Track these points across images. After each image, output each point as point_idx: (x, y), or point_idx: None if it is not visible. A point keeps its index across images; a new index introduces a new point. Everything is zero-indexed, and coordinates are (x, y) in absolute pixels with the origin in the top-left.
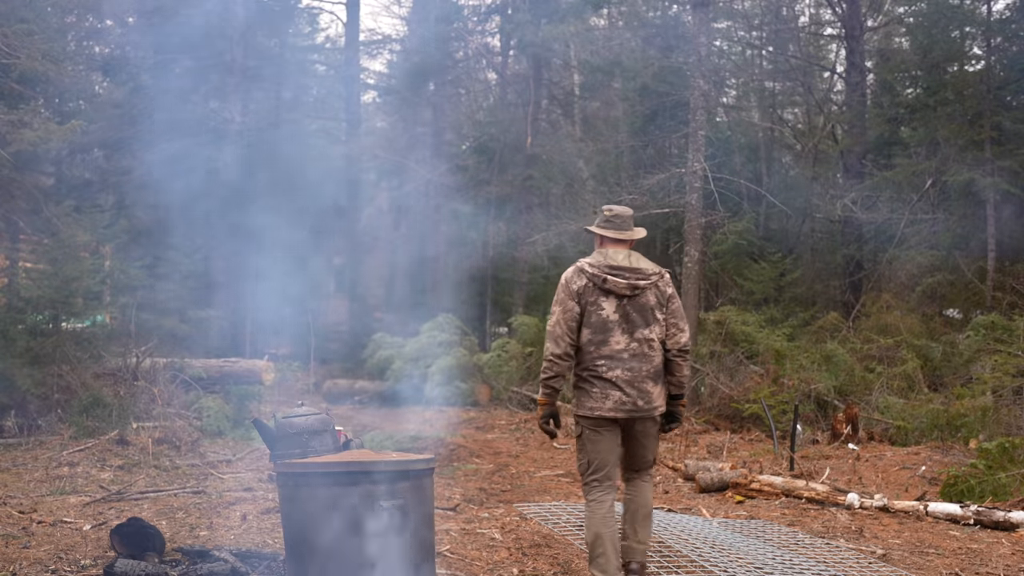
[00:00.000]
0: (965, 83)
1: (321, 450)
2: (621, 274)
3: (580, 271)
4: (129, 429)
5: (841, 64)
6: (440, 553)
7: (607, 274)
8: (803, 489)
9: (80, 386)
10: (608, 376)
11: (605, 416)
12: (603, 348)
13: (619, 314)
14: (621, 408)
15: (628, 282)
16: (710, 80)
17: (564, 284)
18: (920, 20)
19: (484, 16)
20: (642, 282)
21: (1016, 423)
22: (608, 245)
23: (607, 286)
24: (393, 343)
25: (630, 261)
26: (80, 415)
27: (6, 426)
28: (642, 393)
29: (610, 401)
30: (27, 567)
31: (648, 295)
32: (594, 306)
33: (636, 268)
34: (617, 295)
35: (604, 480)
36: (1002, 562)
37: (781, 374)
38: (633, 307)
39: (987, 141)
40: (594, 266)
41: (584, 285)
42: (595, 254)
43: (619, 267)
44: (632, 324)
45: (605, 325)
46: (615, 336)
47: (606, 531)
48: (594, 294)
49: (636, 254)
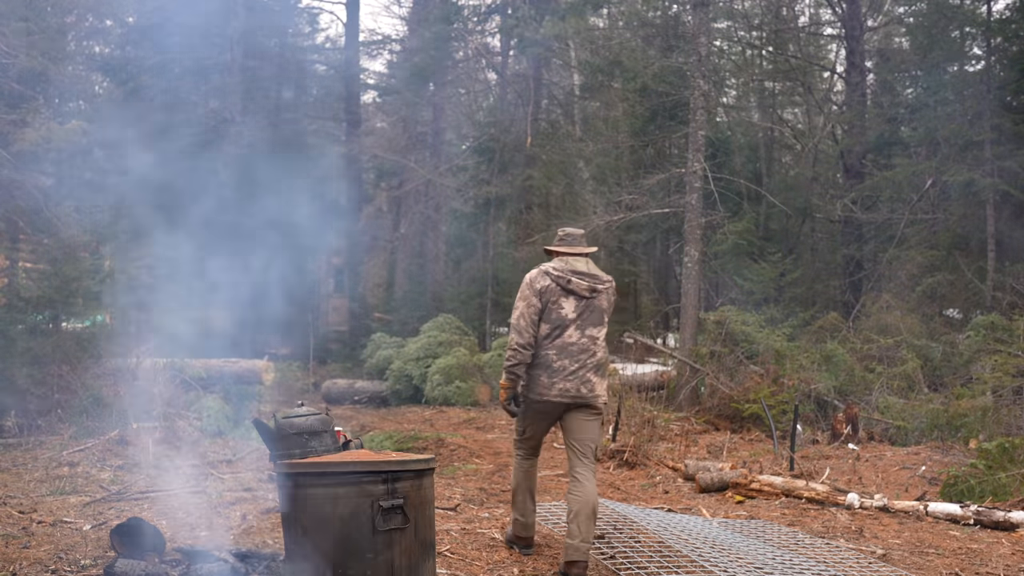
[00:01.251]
0: (965, 83)
1: (321, 450)
2: (583, 277)
3: (544, 273)
4: (129, 429)
5: (841, 64)
6: (440, 553)
7: (572, 276)
8: (803, 489)
9: (80, 386)
10: (556, 365)
11: (551, 400)
12: (556, 341)
13: (576, 313)
14: (566, 395)
15: (589, 285)
16: (710, 80)
17: (528, 283)
18: (920, 20)
19: (484, 16)
20: (599, 286)
21: (1016, 423)
22: (568, 256)
23: (570, 287)
24: (393, 343)
25: (588, 268)
26: (80, 415)
27: (6, 426)
28: (584, 382)
29: (555, 389)
30: (27, 567)
31: (602, 299)
32: (555, 304)
33: (594, 275)
34: (577, 295)
35: (533, 447)
36: (1002, 562)
37: (781, 374)
38: (589, 308)
39: (987, 141)
40: (558, 270)
41: (547, 286)
42: (557, 260)
43: (580, 272)
44: (584, 322)
45: (563, 321)
46: (569, 331)
47: (525, 483)
48: (556, 294)
49: (592, 263)
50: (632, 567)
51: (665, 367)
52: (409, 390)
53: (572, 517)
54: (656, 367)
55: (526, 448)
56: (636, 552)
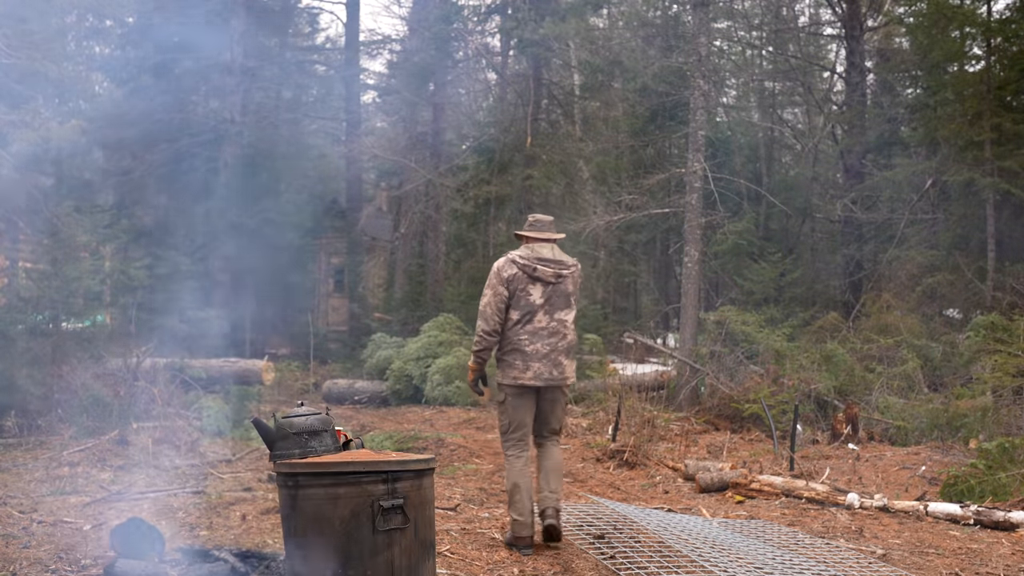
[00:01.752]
0: (965, 83)
1: (321, 450)
2: (548, 264)
3: (511, 262)
4: (129, 429)
5: (841, 64)
6: (440, 553)
7: (537, 264)
8: (803, 489)
9: (80, 386)
10: (528, 350)
11: (526, 384)
12: (527, 326)
13: (544, 298)
14: (539, 377)
15: (554, 271)
16: (710, 80)
17: (496, 272)
18: (920, 20)
19: (484, 16)
20: (564, 271)
21: (1016, 423)
22: (534, 243)
23: (536, 274)
24: (393, 343)
25: (554, 254)
26: (80, 415)
27: (6, 426)
28: (556, 365)
29: (530, 372)
30: (27, 567)
31: (567, 283)
32: (523, 291)
33: (559, 260)
34: (544, 282)
35: (521, 439)
36: (1002, 562)
37: (781, 374)
38: (555, 292)
39: (987, 141)
40: (524, 258)
41: (514, 274)
42: (523, 248)
43: (546, 259)
44: (553, 307)
45: (531, 307)
46: (538, 316)
47: (522, 481)
48: (523, 282)
49: (558, 249)
50: (632, 567)
51: (665, 367)
52: (409, 390)
53: (543, 475)
54: (656, 367)
55: (515, 443)
56: (636, 552)
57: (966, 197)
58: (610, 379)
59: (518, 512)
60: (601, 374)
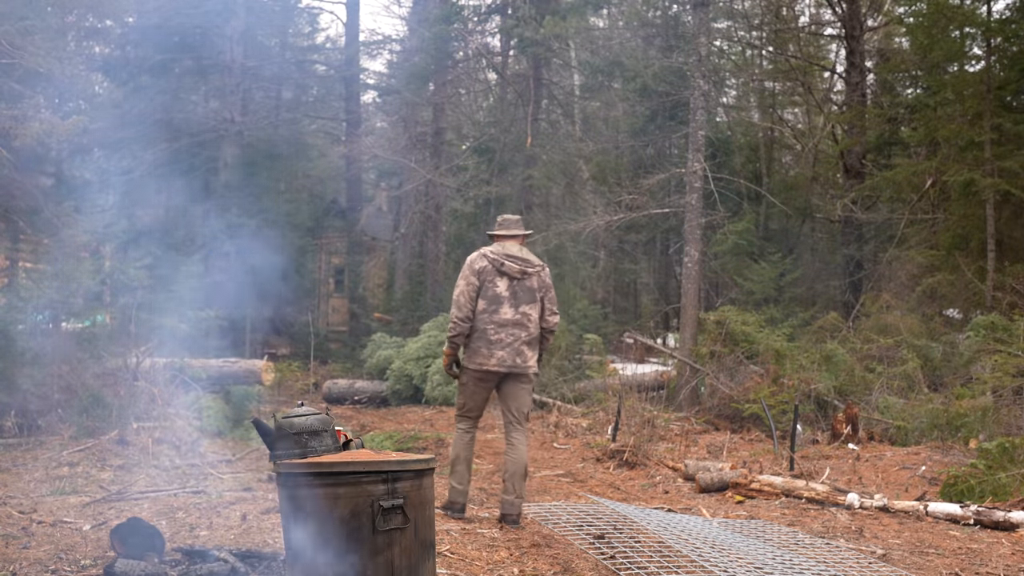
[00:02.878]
0: (965, 83)
1: (321, 450)
2: (515, 260)
3: (483, 255)
4: (129, 429)
5: (841, 64)
6: (440, 553)
7: (504, 259)
8: (803, 489)
9: (80, 386)
10: (494, 338)
11: (490, 370)
12: (494, 316)
13: (509, 292)
14: (503, 364)
15: (520, 267)
16: (710, 80)
17: (469, 264)
18: (920, 20)
19: (484, 16)
20: (529, 269)
21: (1016, 423)
22: (503, 241)
23: (503, 268)
24: (393, 343)
25: (521, 253)
26: (80, 415)
27: (6, 426)
28: (519, 354)
29: (494, 359)
30: (27, 567)
31: (532, 280)
32: (491, 284)
33: (525, 259)
34: (510, 276)
35: (472, 418)
36: (1002, 562)
37: (781, 374)
38: (520, 287)
39: (987, 141)
40: (495, 253)
41: (484, 267)
42: (496, 244)
43: (513, 255)
44: (518, 300)
45: (498, 299)
46: (504, 308)
47: (464, 453)
48: (492, 275)
49: (526, 249)
50: (632, 567)
51: (665, 367)
52: (409, 390)
53: (508, 477)
54: (656, 367)
55: (467, 420)
56: (636, 552)
57: (966, 197)
58: (610, 379)
59: (457, 481)
60: (601, 374)
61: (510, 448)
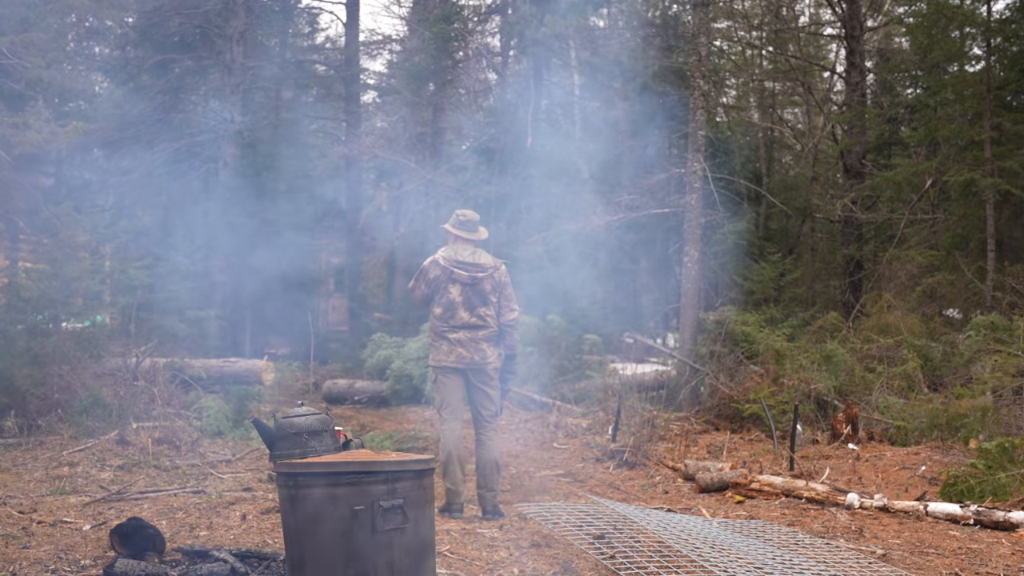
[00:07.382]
0: (965, 83)
1: (321, 450)
2: (464, 267)
3: (436, 263)
4: (129, 429)
5: (841, 64)
6: (440, 553)
7: (454, 267)
8: (803, 489)
9: (80, 386)
10: (452, 338)
11: (450, 366)
12: (451, 320)
13: (463, 297)
14: (461, 361)
15: (469, 274)
16: (710, 80)
17: (424, 270)
18: (920, 20)
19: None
20: (480, 274)
21: (1016, 423)
22: (458, 242)
23: (454, 276)
24: (393, 343)
25: (474, 257)
26: (80, 415)
27: (6, 426)
28: (477, 350)
29: (453, 356)
30: (27, 567)
31: (485, 283)
32: (444, 289)
33: (477, 263)
34: (461, 283)
35: (453, 413)
36: (1002, 562)
37: (781, 374)
38: (473, 292)
39: (987, 141)
40: (447, 259)
41: (436, 275)
42: (447, 248)
43: (463, 262)
44: (472, 304)
45: (452, 304)
46: (459, 311)
47: (455, 451)
48: (444, 282)
49: (480, 251)
50: (632, 567)
51: (665, 367)
52: (409, 390)
53: (480, 473)
54: (656, 367)
55: (448, 415)
56: (636, 552)
57: (966, 197)
58: (610, 379)
59: (451, 482)
60: (601, 374)
61: (479, 446)
